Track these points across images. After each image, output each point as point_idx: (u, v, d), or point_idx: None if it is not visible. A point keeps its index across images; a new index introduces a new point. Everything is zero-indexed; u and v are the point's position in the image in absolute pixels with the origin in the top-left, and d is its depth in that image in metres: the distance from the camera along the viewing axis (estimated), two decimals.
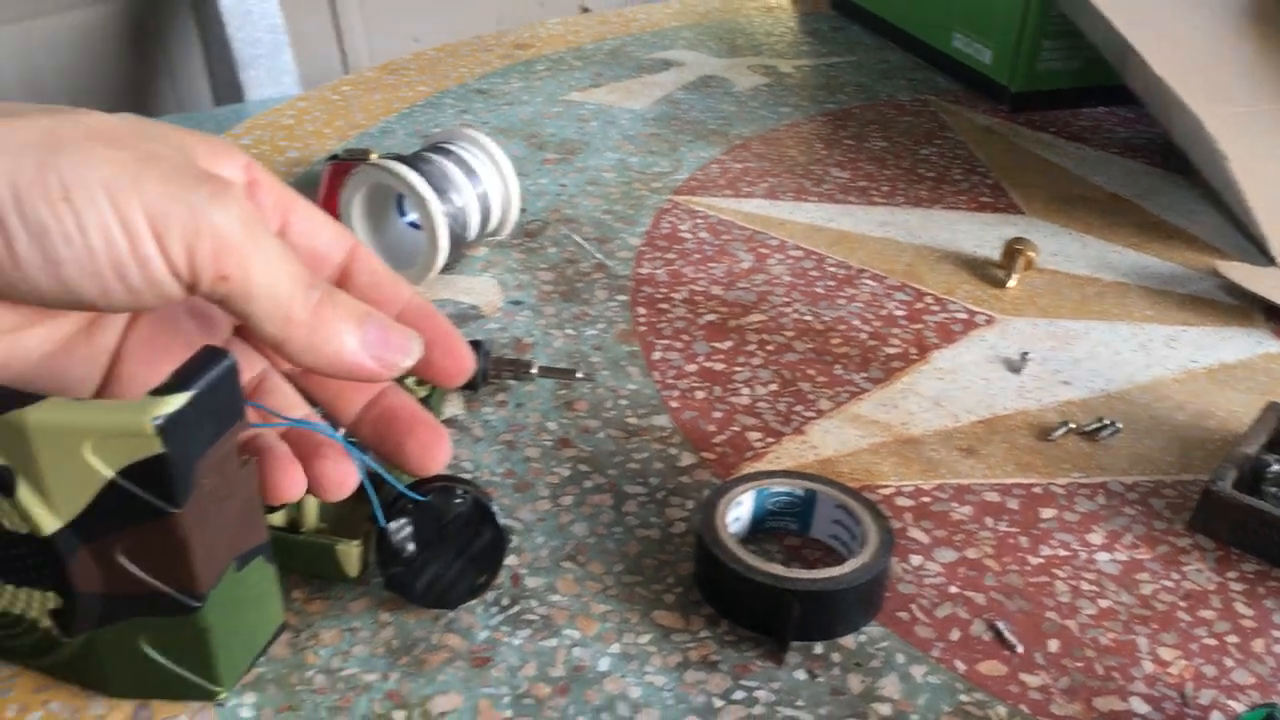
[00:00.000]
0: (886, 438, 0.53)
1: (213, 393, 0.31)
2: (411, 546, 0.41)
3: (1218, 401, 0.56)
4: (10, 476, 0.31)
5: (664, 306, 0.62)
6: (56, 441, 0.31)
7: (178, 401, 0.30)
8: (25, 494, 0.32)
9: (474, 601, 0.43)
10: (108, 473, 0.31)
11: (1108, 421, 0.54)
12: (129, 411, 0.30)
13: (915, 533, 0.47)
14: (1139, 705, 0.40)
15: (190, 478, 0.31)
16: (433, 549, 0.41)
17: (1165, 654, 0.42)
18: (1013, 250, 0.66)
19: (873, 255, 0.69)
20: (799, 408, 0.55)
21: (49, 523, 0.32)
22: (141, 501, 0.31)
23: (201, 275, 0.30)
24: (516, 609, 0.43)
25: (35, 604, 0.35)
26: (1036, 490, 0.50)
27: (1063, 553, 0.46)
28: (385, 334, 0.34)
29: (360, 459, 0.36)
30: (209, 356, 0.32)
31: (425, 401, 0.46)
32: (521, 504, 0.48)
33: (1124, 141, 0.87)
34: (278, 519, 0.43)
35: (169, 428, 0.30)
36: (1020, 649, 0.42)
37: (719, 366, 0.57)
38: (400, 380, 0.44)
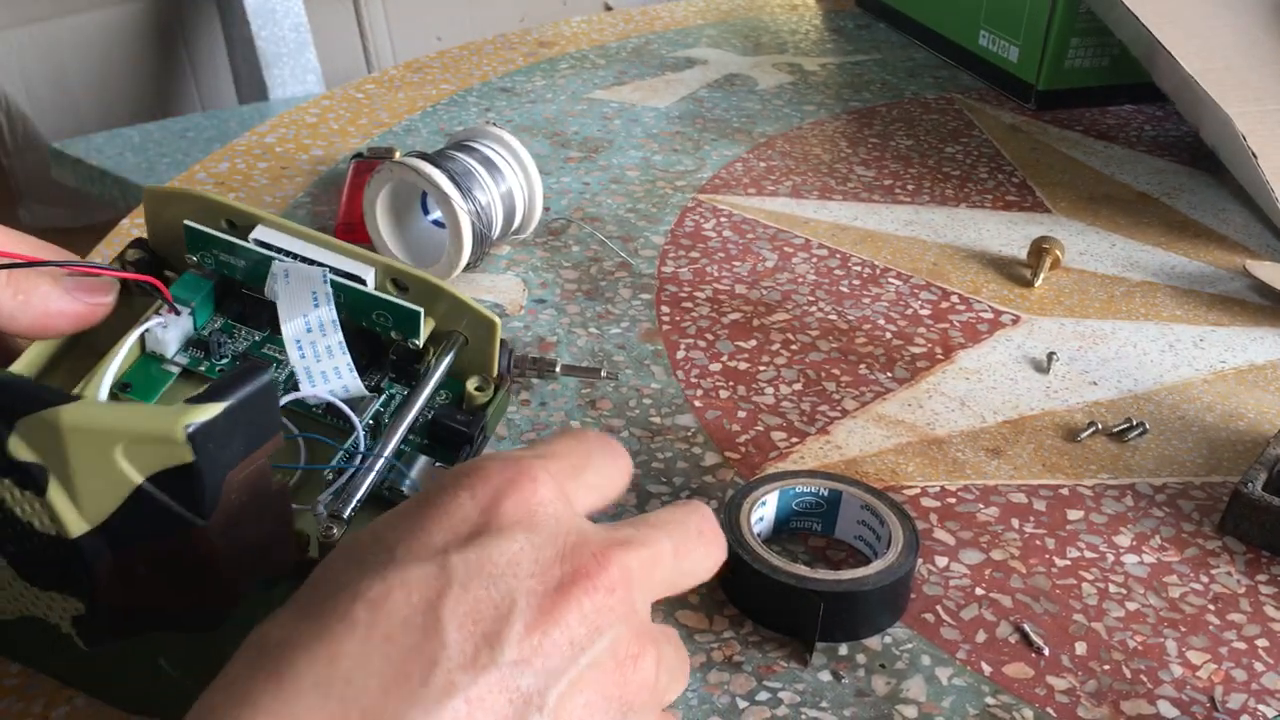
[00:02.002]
0: (912, 438, 0.52)
1: (248, 406, 0.31)
2: None
3: (1247, 403, 0.56)
4: (43, 475, 0.31)
5: (688, 305, 0.62)
6: (89, 442, 0.30)
7: (211, 411, 0.30)
8: (55, 494, 0.32)
9: None
10: (137, 478, 0.31)
11: (1135, 422, 0.53)
12: (162, 417, 0.30)
13: (941, 534, 0.47)
14: (1167, 709, 0.39)
15: (219, 491, 0.31)
16: None
17: (1194, 657, 0.42)
18: (1039, 249, 0.66)
19: (898, 254, 0.68)
20: (823, 407, 0.54)
21: (76, 525, 0.32)
22: (168, 511, 0.31)
23: None
24: None
25: (57, 609, 0.35)
26: (1064, 491, 0.49)
27: (1090, 555, 0.46)
28: (79, 280, 0.40)
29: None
30: (248, 370, 0.31)
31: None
32: None
33: (1152, 140, 0.86)
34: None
35: (200, 437, 0.30)
36: (1047, 651, 0.42)
37: (743, 366, 0.57)
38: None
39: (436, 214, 0.64)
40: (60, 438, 0.31)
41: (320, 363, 0.41)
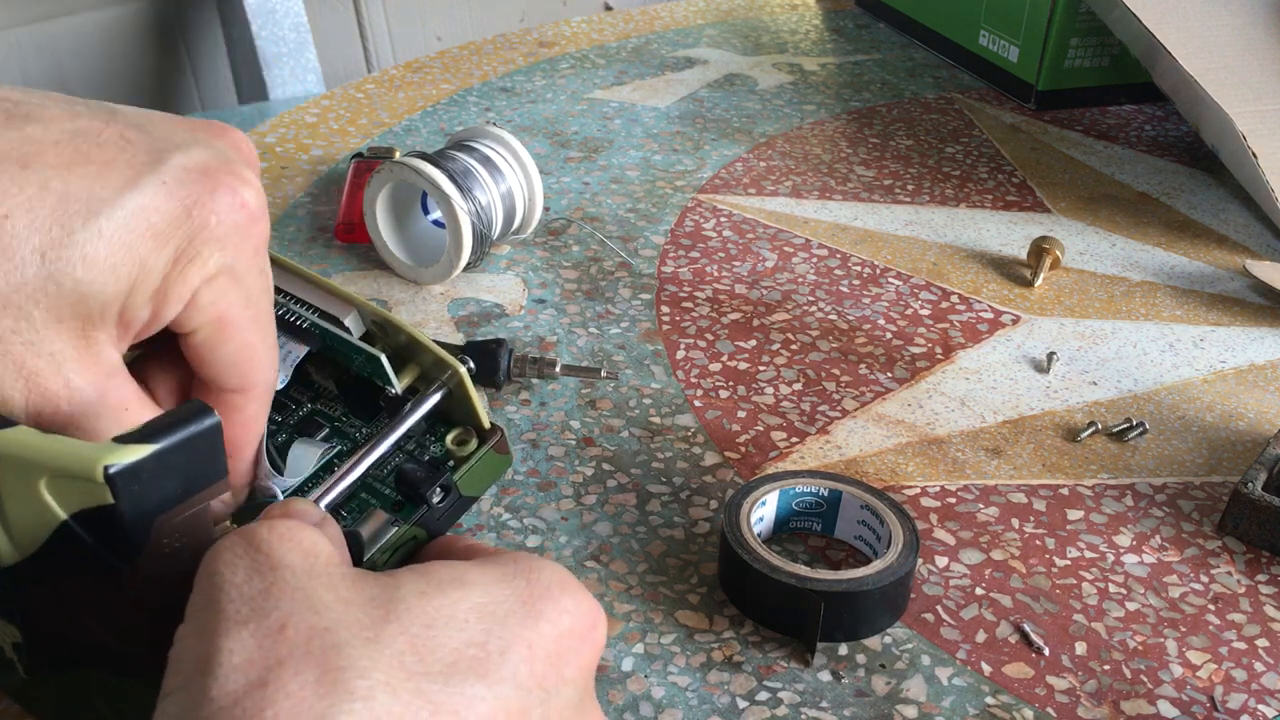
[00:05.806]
0: (912, 438, 0.52)
1: (185, 450, 0.29)
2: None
3: (1247, 403, 0.56)
4: None
5: (688, 305, 0.62)
6: (17, 472, 0.29)
7: (137, 454, 0.28)
8: None
9: None
10: (61, 514, 0.29)
11: (1135, 422, 0.53)
12: (84, 455, 0.28)
13: (941, 534, 0.47)
14: (1167, 709, 0.39)
15: (145, 535, 0.29)
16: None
17: (1194, 657, 0.42)
18: (1039, 249, 0.66)
19: (898, 254, 0.68)
20: (823, 407, 0.54)
21: (9, 553, 0.30)
22: (91, 550, 0.29)
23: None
24: None
25: (1, 632, 0.34)
26: (1064, 491, 0.50)
27: (1090, 555, 0.46)
28: None
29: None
30: (192, 412, 0.29)
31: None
32: (545, 503, 0.48)
33: (1152, 139, 0.86)
34: None
35: (121, 479, 0.28)
36: (1047, 651, 0.42)
37: (743, 365, 0.57)
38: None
39: (436, 214, 0.64)
40: None
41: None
